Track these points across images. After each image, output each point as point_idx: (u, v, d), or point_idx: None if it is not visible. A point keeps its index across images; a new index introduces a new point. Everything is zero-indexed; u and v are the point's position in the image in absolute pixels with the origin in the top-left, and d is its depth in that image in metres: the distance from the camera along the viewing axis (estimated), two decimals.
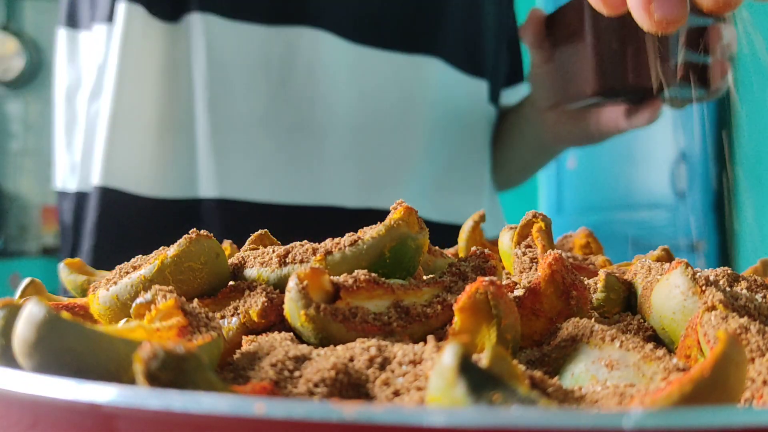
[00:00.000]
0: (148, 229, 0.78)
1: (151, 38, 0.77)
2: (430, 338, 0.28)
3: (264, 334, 0.33)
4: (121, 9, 0.77)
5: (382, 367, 0.27)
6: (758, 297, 0.34)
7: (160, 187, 0.78)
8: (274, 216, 0.78)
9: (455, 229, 0.60)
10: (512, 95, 1.01)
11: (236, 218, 0.77)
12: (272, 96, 0.79)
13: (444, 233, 0.62)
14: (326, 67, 0.80)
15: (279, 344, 0.30)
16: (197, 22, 0.76)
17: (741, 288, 0.35)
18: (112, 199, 0.78)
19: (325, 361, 0.27)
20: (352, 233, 0.37)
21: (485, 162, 0.95)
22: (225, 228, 0.75)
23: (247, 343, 0.33)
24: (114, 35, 0.78)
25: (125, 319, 0.34)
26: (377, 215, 0.81)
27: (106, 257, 0.76)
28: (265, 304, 0.34)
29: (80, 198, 0.83)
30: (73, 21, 0.86)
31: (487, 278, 0.30)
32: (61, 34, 0.87)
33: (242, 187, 0.78)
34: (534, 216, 0.45)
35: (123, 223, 0.78)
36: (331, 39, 0.80)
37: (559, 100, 0.81)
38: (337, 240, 0.36)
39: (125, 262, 0.38)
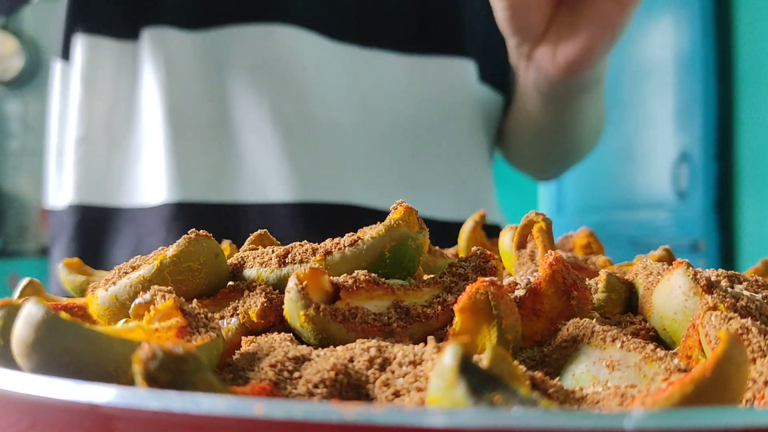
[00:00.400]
0: (123, 238, 0.81)
1: (111, 59, 0.82)
2: (431, 339, 0.28)
3: (263, 335, 0.33)
4: (81, 42, 0.82)
5: (382, 367, 0.27)
6: (759, 297, 0.34)
7: (129, 197, 0.82)
8: (244, 216, 0.80)
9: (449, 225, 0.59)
10: None
11: (195, 221, 0.79)
12: (226, 98, 0.81)
13: (442, 230, 0.62)
14: (299, 62, 0.81)
15: (278, 345, 0.30)
16: (151, 36, 0.80)
17: (742, 288, 0.35)
18: (85, 214, 0.82)
19: (324, 361, 0.27)
20: (351, 233, 0.36)
21: (479, 146, 0.91)
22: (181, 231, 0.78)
23: (247, 344, 0.33)
24: (76, 63, 0.82)
25: (124, 320, 0.34)
26: (346, 210, 0.81)
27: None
28: (265, 304, 0.34)
29: (57, 215, 0.87)
30: (66, 53, 0.88)
31: (487, 278, 0.30)
32: (57, 67, 0.89)
33: (201, 190, 0.80)
34: (535, 216, 0.45)
35: (98, 236, 0.82)
36: (295, 32, 0.81)
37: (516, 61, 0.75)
38: (336, 240, 0.36)
39: (124, 263, 0.38)
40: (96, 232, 0.82)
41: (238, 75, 0.80)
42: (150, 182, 0.81)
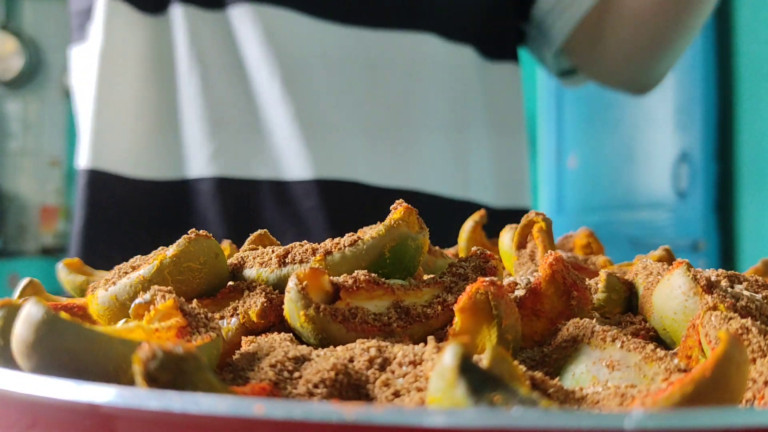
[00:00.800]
0: (138, 209, 0.82)
1: (134, 29, 0.82)
2: (431, 339, 0.28)
3: (263, 335, 0.33)
4: (101, 3, 0.81)
5: (382, 367, 0.27)
6: (759, 297, 0.34)
7: (148, 168, 0.82)
8: (266, 193, 0.81)
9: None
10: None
11: (230, 195, 0.80)
12: (252, 78, 0.81)
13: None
14: (296, 46, 0.81)
15: (278, 345, 0.30)
16: (179, 13, 0.81)
17: (742, 288, 0.35)
18: (99, 180, 0.81)
19: (324, 361, 0.27)
20: (351, 233, 0.36)
21: (489, 125, 0.91)
22: (220, 205, 0.80)
23: (247, 344, 0.33)
24: (96, 27, 0.82)
25: (124, 320, 0.34)
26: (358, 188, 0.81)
27: (97, 239, 0.81)
28: (265, 304, 0.34)
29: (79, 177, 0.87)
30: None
31: (487, 278, 0.30)
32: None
33: (236, 165, 0.81)
34: (535, 216, 0.45)
35: (112, 205, 0.82)
36: (300, 18, 0.81)
37: None
38: (336, 240, 0.36)
39: (124, 262, 0.38)
40: (111, 202, 0.82)
41: (253, 54, 0.81)
42: (178, 156, 0.82)
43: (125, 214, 0.82)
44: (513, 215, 0.89)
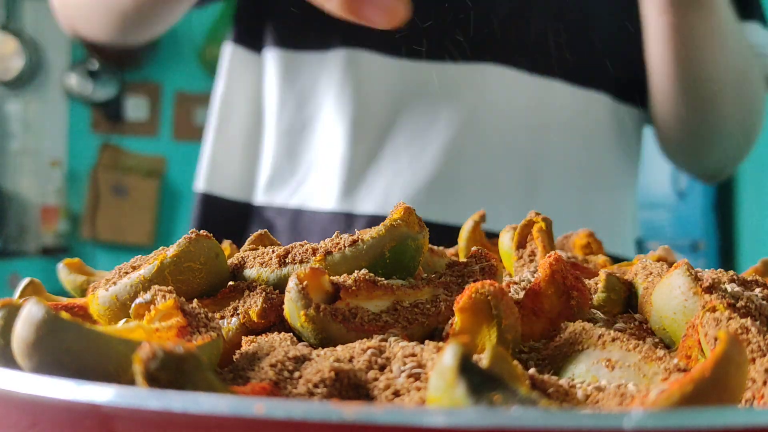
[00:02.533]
0: (236, 228, 0.90)
1: (241, 69, 0.93)
2: (430, 340, 0.28)
3: (264, 335, 0.33)
4: (228, 47, 0.94)
5: (382, 368, 0.27)
6: (758, 297, 0.34)
7: (245, 192, 0.92)
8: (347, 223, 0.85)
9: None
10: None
11: (300, 225, 0.87)
12: (346, 113, 0.86)
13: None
14: (374, 88, 0.84)
15: (279, 345, 0.30)
16: (272, 54, 0.90)
17: (742, 288, 0.35)
18: (211, 203, 0.91)
19: (324, 361, 0.27)
20: (350, 235, 0.37)
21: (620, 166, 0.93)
22: (291, 234, 0.87)
23: (247, 344, 0.33)
24: (221, 69, 0.94)
25: (125, 320, 0.34)
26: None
27: None
28: (265, 304, 0.34)
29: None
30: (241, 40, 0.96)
31: (487, 279, 0.30)
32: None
33: (306, 197, 0.87)
34: (535, 216, 0.45)
35: (220, 226, 0.89)
36: (384, 60, 0.84)
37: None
38: (336, 240, 0.36)
39: (125, 263, 0.38)
40: (220, 223, 0.90)
41: (329, 95, 0.86)
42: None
43: (229, 232, 0.88)
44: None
